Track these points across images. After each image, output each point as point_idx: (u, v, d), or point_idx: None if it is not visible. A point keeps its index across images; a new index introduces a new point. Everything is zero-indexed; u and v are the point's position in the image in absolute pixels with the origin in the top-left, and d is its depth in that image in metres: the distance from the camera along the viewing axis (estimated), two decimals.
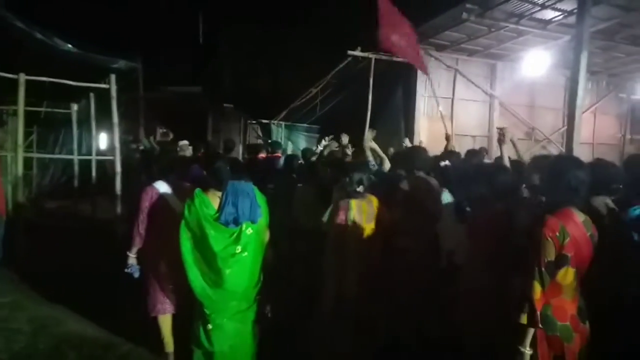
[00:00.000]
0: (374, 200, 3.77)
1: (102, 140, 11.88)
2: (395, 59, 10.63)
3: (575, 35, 7.15)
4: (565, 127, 10.05)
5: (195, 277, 3.49)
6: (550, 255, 2.35)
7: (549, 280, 2.36)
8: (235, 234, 3.52)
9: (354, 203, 3.68)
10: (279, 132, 13.74)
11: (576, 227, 2.41)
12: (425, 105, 11.08)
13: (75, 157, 9.65)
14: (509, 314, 2.46)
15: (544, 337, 2.42)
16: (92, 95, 9.23)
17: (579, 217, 2.46)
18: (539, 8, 8.67)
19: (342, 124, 10.98)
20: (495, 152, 11.01)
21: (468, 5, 8.55)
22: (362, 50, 10.19)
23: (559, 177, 2.49)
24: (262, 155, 7.77)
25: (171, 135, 7.99)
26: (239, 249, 3.52)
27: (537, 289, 2.34)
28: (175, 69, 16.18)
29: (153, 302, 3.93)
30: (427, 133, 10.91)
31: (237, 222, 3.49)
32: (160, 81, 15.19)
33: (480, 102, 11.76)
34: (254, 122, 14.85)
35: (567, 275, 2.39)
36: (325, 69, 11.54)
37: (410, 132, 10.84)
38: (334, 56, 11.02)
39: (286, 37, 15.39)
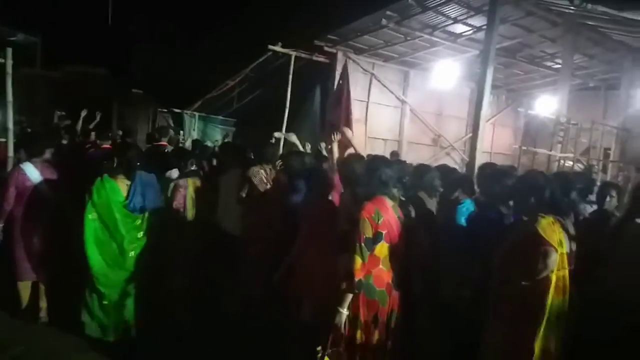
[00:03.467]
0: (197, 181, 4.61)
1: None
2: (315, 58, 10.72)
3: (482, 50, 7.64)
4: (468, 136, 10.72)
5: (94, 255, 3.81)
6: (368, 232, 2.87)
7: (368, 254, 2.87)
8: (139, 221, 4.00)
9: (190, 181, 4.47)
10: (192, 122, 13.27)
11: (387, 211, 2.98)
12: None
13: None
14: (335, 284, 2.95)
15: (365, 301, 2.92)
16: None
17: (389, 203, 3.05)
18: (452, 22, 9.18)
19: (259, 118, 10.90)
20: (405, 155, 11.53)
21: (388, 12, 8.81)
22: (283, 46, 10.12)
23: (373, 173, 3.08)
24: (163, 143, 7.51)
25: (98, 118, 7.51)
26: (141, 234, 4.00)
27: (358, 261, 2.83)
28: (79, 47, 15.03)
29: (18, 269, 4.27)
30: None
31: (143, 210, 3.98)
32: (61, 59, 14.06)
33: (393, 107, 12.17)
34: (165, 110, 14.22)
35: (382, 249, 2.93)
36: (244, 62, 11.32)
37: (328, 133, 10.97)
38: (254, 50, 10.84)
39: (205, 25, 14.92)
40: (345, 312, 2.86)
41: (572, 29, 9.23)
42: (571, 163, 9.34)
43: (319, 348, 2.91)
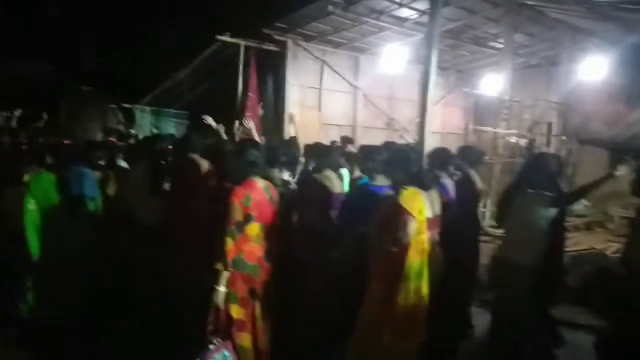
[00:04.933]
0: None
1: None
2: (265, 46, 10.72)
3: (427, 33, 7.84)
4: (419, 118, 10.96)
5: (35, 243, 4.06)
6: (238, 216, 3.09)
7: (239, 235, 3.10)
8: (76, 208, 4.21)
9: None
10: (143, 117, 13.03)
11: (257, 192, 3.22)
12: (295, 94, 11.30)
13: None
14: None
15: (239, 276, 3.16)
16: None
17: (260, 184, 3.29)
18: (397, 6, 9.34)
19: (211, 110, 10.81)
20: (359, 139, 11.70)
21: None
22: (231, 36, 10.06)
23: (241, 156, 3.28)
24: (111, 140, 7.63)
25: (45, 117, 7.54)
26: (77, 220, 4.22)
27: (229, 242, 3.06)
28: (24, 46, 14.44)
29: None
30: (299, 122, 11.15)
31: (79, 198, 4.23)
32: (4, 59, 13.50)
33: (346, 93, 12.32)
34: (115, 106, 13.88)
35: (253, 228, 3.18)
36: (194, 54, 11.19)
37: (281, 121, 11.02)
38: (204, 40, 10.73)
39: (152, 15, 14.58)
40: (222, 289, 3.07)
41: (513, 9, 9.55)
42: (516, 139, 9.73)
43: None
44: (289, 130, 10.55)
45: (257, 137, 5.20)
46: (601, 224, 8.66)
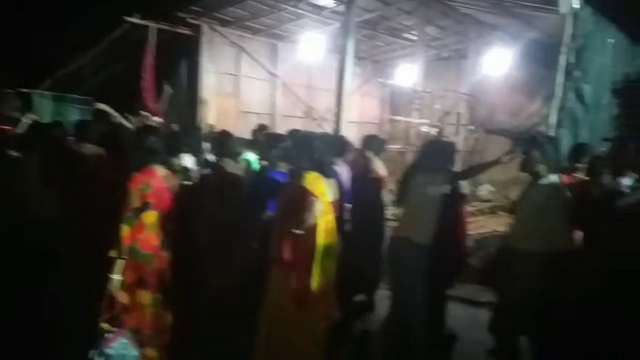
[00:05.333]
0: None
1: None
2: (179, 30, 10.28)
3: (344, 22, 7.91)
4: None
5: None
6: (136, 203, 3.10)
7: (135, 222, 3.11)
8: None
9: None
10: (43, 103, 12.01)
11: (156, 180, 3.22)
12: (211, 81, 10.97)
13: None
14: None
15: (130, 265, 3.17)
16: None
17: (161, 172, 3.29)
18: None
19: (119, 96, 10.25)
20: (278, 128, 11.64)
21: None
22: (142, 18, 9.55)
23: (140, 143, 3.33)
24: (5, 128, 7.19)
25: None
26: None
27: (125, 229, 3.09)
28: None
29: None
30: (215, 110, 10.86)
31: None
32: None
33: (264, 80, 12.14)
34: (11, 91, 12.70)
35: (150, 217, 3.18)
36: (101, 35, 10.49)
37: (195, 108, 10.67)
38: (112, 21, 10.08)
39: None
40: (116, 277, 3.09)
41: (425, 2, 9.88)
42: (427, 128, 10.13)
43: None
44: (204, 118, 10.30)
45: (157, 124, 5.03)
46: (504, 208, 9.23)
